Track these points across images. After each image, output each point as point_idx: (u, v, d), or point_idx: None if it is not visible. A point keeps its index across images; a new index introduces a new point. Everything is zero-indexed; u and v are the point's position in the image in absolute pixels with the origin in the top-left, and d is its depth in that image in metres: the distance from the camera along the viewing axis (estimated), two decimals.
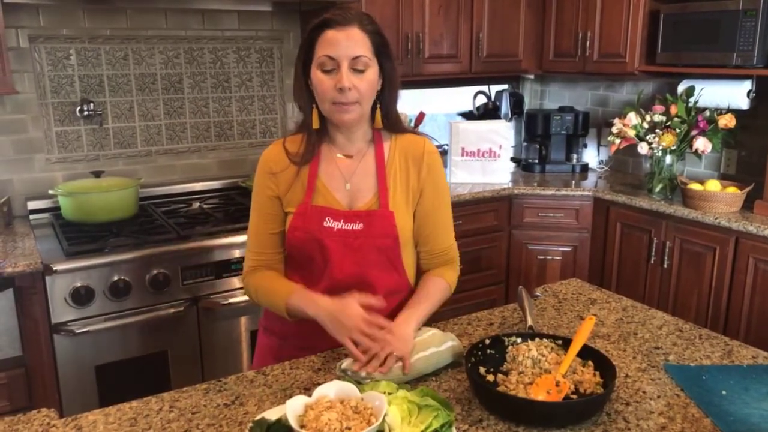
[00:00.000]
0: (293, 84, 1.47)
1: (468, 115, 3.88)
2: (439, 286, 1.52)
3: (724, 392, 1.24)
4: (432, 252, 1.55)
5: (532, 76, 4.02)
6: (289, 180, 1.46)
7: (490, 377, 1.25)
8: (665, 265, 2.88)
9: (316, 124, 1.45)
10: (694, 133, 2.85)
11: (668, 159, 2.98)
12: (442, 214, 1.54)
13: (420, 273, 1.58)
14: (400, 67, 3.19)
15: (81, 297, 2.18)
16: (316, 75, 1.38)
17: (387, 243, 1.45)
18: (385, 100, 1.46)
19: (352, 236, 1.43)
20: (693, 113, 2.87)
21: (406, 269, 1.52)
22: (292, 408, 1.06)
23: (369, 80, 1.38)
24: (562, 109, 3.63)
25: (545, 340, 1.34)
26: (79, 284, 2.17)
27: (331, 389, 1.11)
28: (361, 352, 1.29)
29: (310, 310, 1.37)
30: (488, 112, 3.79)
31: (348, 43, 1.35)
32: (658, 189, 3.00)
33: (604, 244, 3.16)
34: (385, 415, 1.04)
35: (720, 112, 2.83)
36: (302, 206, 1.45)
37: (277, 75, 3.18)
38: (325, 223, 1.43)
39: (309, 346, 1.45)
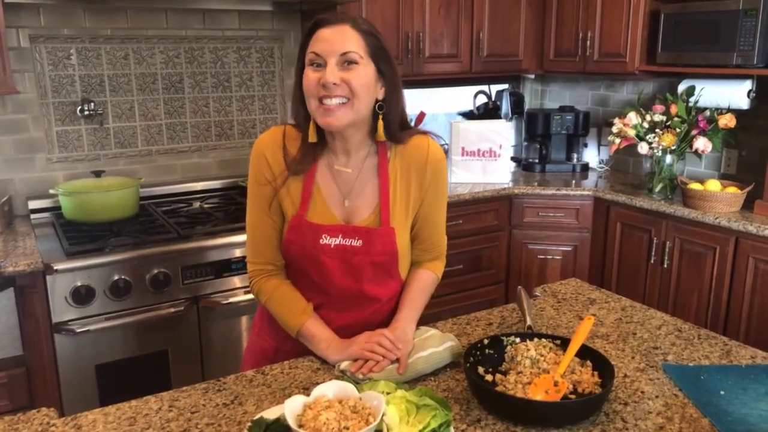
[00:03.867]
0: (292, 95, 1.40)
1: (468, 115, 3.88)
2: (431, 281, 1.53)
3: (722, 392, 1.24)
4: (427, 249, 1.53)
5: (532, 76, 4.02)
6: (284, 178, 1.39)
7: (489, 377, 1.25)
8: (665, 265, 2.88)
9: (312, 138, 1.37)
10: (694, 132, 2.85)
11: (668, 159, 2.98)
12: (441, 216, 1.53)
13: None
14: (400, 66, 3.19)
15: (81, 296, 2.18)
16: (306, 73, 1.32)
17: (385, 259, 1.41)
18: (390, 107, 1.38)
19: (350, 252, 1.39)
20: (693, 113, 2.86)
21: (401, 276, 1.50)
22: (291, 407, 1.06)
23: (361, 75, 1.30)
24: (562, 109, 3.63)
25: (544, 340, 1.34)
26: (79, 283, 2.18)
27: (329, 389, 1.12)
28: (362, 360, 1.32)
29: (318, 347, 1.39)
30: (489, 111, 3.79)
31: (337, 39, 1.29)
32: (658, 189, 3.00)
33: (604, 244, 3.16)
34: (383, 415, 1.04)
35: (720, 111, 2.83)
36: (296, 219, 1.39)
37: (277, 75, 3.19)
38: (321, 240, 1.38)
39: (306, 349, 1.44)
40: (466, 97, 3.87)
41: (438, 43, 3.29)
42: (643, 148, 2.95)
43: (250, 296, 1.56)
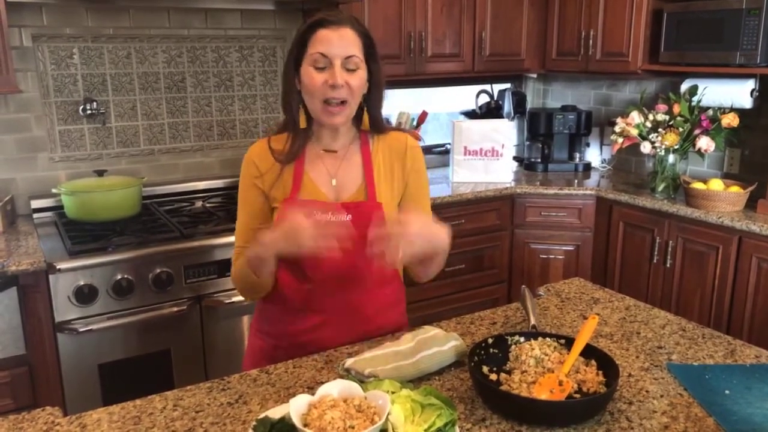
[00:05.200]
0: (281, 83, 1.48)
1: (471, 114, 3.88)
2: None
3: (727, 392, 1.24)
4: None
5: (534, 75, 4.02)
6: (274, 176, 1.47)
7: (493, 376, 1.25)
8: (668, 265, 2.87)
9: (303, 123, 1.46)
10: (697, 132, 2.85)
11: (671, 158, 2.97)
12: (427, 204, 1.58)
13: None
14: (402, 65, 3.21)
15: (84, 295, 2.18)
16: (308, 71, 1.39)
17: None
18: (371, 102, 1.47)
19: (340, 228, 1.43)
20: (696, 112, 2.86)
21: None
22: (296, 407, 1.06)
23: (360, 78, 1.40)
24: (564, 108, 3.63)
25: (548, 339, 1.34)
26: (82, 283, 2.18)
27: (334, 388, 1.11)
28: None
29: (261, 251, 1.33)
30: (491, 111, 3.79)
31: (341, 42, 1.37)
32: (660, 188, 3.00)
33: (606, 244, 3.16)
34: (388, 414, 1.04)
35: (723, 111, 2.83)
36: (288, 201, 1.45)
37: (279, 74, 3.18)
38: (313, 216, 1.43)
39: (304, 342, 1.46)
40: (468, 96, 3.86)
41: (440, 43, 3.28)
42: (645, 148, 2.95)
43: None
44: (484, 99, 3.85)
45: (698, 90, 2.90)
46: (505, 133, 3.32)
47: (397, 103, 3.34)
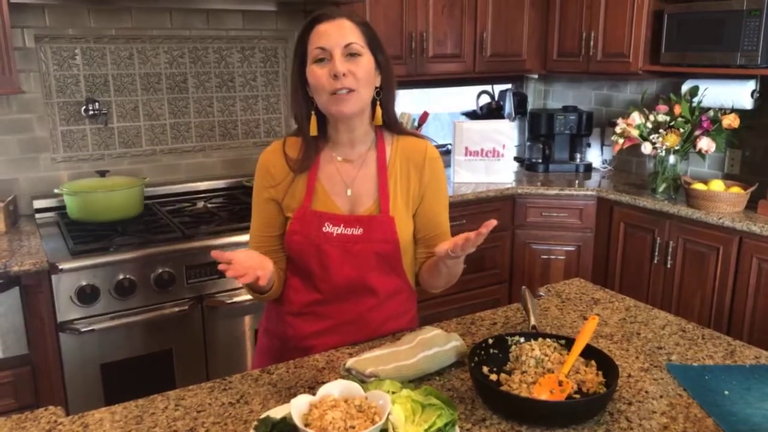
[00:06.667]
0: (290, 91, 1.46)
1: (471, 115, 3.88)
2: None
3: (726, 392, 1.25)
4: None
5: (535, 76, 4.02)
6: (287, 184, 1.45)
7: (494, 377, 1.25)
8: (668, 265, 2.88)
9: (313, 131, 1.43)
10: (697, 132, 2.85)
11: (672, 159, 2.98)
12: (445, 215, 1.54)
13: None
14: (403, 66, 3.22)
15: (86, 296, 2.19)
16: (311, 70, 1.37)
17: (387, 248, 1.43)
18: (384, 95, 1.44)
19: (351, 241, 1.42)
20: (697, 113, 2.86)
21: (406, 272, 1.52)
22: (297, 407, 1.06)
23: (365, 65, 1.36)
24: (565, 109, 3.63)
25: (548, 339, 1.34)
26: (84, 283, 2.18)
27: (335, 388, 1.12)
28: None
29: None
30: (492, 111, 3.80)
31: (339, 32, 1.35)
32: (661, 189, 3.00)
33: (607, 244, 3.16)
34: (388, 414, 1.04)
35: (724, 111, 2.83)
36: (301, 210, 1.44)
37: (281, 75, 3.19)
38: (324, 228, 1.42)
39: (309, 347, 1.46)
40: (469, 96, 3.87)
41: (441, 43, 3.29)
42: (646, 148, 2.95)
43: None
44: (485, 99, 3.85)
45: (699, 91, 2.91)
46: (506, 133, 3.33)
47: (398, 104, 3.34)
